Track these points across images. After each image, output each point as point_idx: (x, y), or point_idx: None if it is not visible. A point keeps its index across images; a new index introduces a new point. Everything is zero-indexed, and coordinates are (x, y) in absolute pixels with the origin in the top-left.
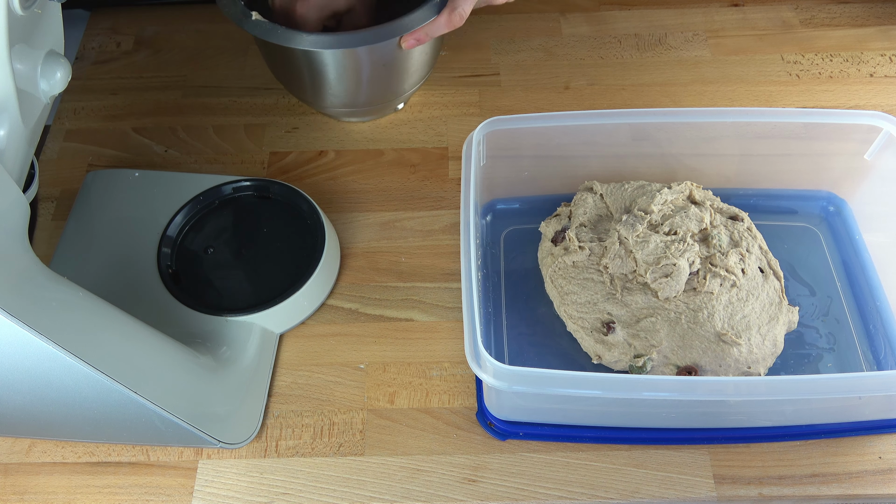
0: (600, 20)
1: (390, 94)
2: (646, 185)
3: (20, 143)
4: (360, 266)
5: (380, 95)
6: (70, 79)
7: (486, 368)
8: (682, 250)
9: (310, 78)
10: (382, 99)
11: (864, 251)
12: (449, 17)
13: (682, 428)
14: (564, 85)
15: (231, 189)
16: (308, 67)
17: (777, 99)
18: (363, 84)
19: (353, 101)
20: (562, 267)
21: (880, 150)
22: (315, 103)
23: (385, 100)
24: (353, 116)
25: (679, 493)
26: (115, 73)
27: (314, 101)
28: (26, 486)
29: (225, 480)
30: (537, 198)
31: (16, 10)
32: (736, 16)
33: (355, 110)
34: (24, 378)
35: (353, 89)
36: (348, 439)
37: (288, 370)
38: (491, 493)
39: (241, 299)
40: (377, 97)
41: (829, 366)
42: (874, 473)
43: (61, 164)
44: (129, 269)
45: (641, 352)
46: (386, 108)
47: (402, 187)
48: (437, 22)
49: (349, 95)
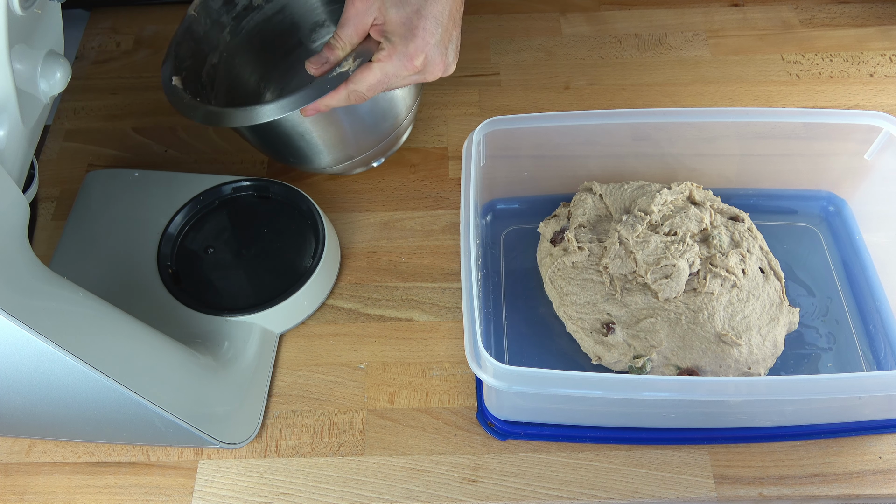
0: (600, 20)
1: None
2: (645, 186)
3: (20, 143)
4: (360, 266)
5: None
6: (70, 79)
7: (486, 368)
8: (681, 251)
9: (283, 144)
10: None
11: (863, 251)
12: (346, 92)
13: (682, 428)
14: (564, 85)
15: (231, 189)
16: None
17: (777, 99)
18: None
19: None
20: (561, 268)
21: (880, 150)
22: (301, 165)
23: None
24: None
25: (679, 493)
26: (115, 72)
27: (299, 163)
28: (26, 486)
29: (225, 480)
30: (537, 198)
31: (15, 11)
32: (736, 16)
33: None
34: (24, 378)
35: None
36: (348, 439)
37: (288, 370)
38: (491, 493)
39: (241, 299)
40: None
41: (829, 366)
42: (874, 473)
43: (61, 164)
44: (129, 269)
45: (641, 352)
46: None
47: (402, 187)
48: (337, 95)
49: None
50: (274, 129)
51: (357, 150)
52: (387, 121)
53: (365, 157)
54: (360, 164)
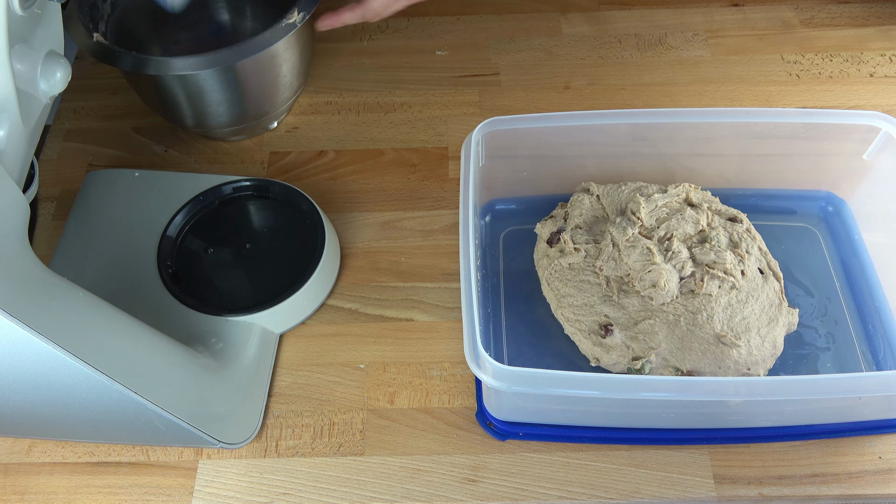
0: (600, 20)
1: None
2: (643, 187)
3: (20, 143)
4: (360, 266)
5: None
6: (70, 79)
7: (486, 369)
8: (668, 257)
9: (178, 100)
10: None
11: (863, 251)
12: (362, 11)
13: (682, 428)
14: (564, 85)
15: (231, 189)
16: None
17: (777, 99)
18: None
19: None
20: (558, 269)
21: (879, 151)
22: (185, 125)
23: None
24: (233, 136)
25: (679, 493)
26: (114, 72)
27: (182, 122)
28: (26, 486)
29: (225, 480)
30: (537, 198)
31: (16, 10)
32: (736, 16)
33: (230, 130)
34: (24, 378)
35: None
36: (348, 439)
37: (288, 370)
38: (491, 493)
39: (241, 299)
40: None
41: (829, 366)
42: (874, 473)
43: (61, 164)
44: (129, 269)
45: (640, 354)
46: (259, 125)
47: (402, 187)
48: (353, 13)
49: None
50: (191, 84)
51: (257, 111)
52: (286, 79)
53: (264, 119)
54: (258, 128)
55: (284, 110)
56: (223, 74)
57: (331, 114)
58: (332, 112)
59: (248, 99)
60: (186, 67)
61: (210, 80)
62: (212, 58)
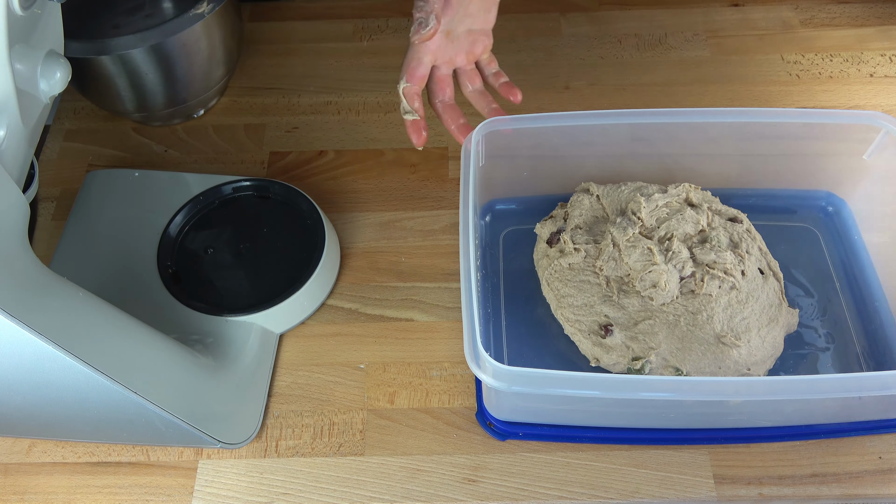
0: (600, 20)
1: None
2: (643, 187)
3: (20, 143)
4: (360, 266)
5: None
6: (70, 79)
7: (486, 369)
8: (668, 257)
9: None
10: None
11: (862, 251)
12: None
13: (682, 428)
14: (564, 85)
15: (231, 189)
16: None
17: (777, 99)
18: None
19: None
20: (557, 269)
21: (879, 151)
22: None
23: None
24: (153, 121)
25: (679, 493)
26: None
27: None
28: (26, 486)
29: (225, 480)
30: (537, 198)
31: (15, 10)
32: (736, 16)
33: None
34: (24, 378)
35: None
36: (348, 439)
37: (288, 370)
38: (491, 493)
39: (241, 299)
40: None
41: (828, 366)
42: (874, 473)
43: (61, 164)
44: (129, 269)
45: (640, 354)
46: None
47: (402, 187)
48: None
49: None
50: (96, 68)
51: (189, 94)
52: (220, 67)
53: (196, 101)
54: (176, 115)
55: (209, 97)
56: (125, 62)
57: (331, 114)
58: (332, 112)
59: (155, 88)
60: (82, 51)
61: (112, 66)
62: (113, 43)
